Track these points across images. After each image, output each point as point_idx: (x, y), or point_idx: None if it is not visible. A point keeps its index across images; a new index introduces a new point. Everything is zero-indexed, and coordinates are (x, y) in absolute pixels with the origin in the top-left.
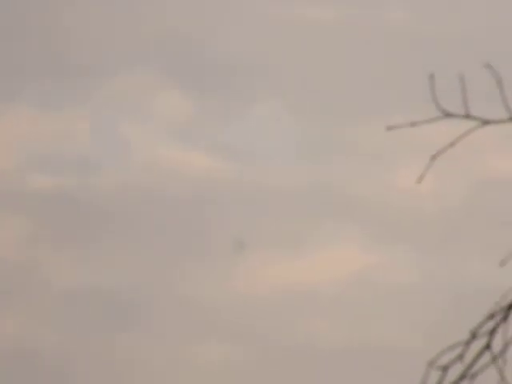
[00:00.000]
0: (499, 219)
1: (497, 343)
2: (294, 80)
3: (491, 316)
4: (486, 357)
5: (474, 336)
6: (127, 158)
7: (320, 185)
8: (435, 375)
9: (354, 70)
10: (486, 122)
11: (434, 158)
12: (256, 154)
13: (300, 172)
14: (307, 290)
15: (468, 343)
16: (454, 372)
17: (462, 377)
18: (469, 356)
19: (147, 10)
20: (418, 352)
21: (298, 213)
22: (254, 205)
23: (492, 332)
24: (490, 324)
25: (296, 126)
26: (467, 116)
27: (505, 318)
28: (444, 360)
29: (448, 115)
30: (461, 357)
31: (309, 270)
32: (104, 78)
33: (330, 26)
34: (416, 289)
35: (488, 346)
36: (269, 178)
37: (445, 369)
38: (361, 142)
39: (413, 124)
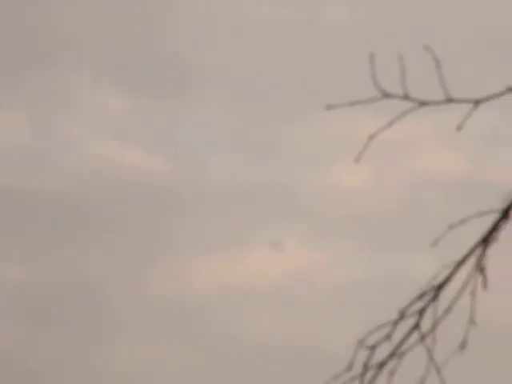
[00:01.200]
0: (436, 217)
1: (426, 323)
2: (233, 79)
3: (420, 296)
4: (415, 336)
5: (402, 316)
6: (65, 155)
7: (260, 183)
8: (364, 354)
9: (292, 68)
10: (423, 104)
11: (371, 138)
12: (194, 152)
13: (239, 171)
14: (247, 287)
15: (396, 323)
16: (384, 351)
17: (391, 356)
18: (399, 336)
19: (84, 7)
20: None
21: (238, 211)
22: (192, 203)
23: (421, 312)
24: (420, 304)
25: (235, 125)
26: (405, 97)
27: (434, 298)
28: (372, 339)
29: (386, 96)
30: (389, 336)
31: (248, 268)
32: (41, 76)
33: (269, 26)
34: (356, 286)
35: (417, 326)
36: (207, 176)
37: (373, 348)
38: (301, 140)
39: (352, 103)
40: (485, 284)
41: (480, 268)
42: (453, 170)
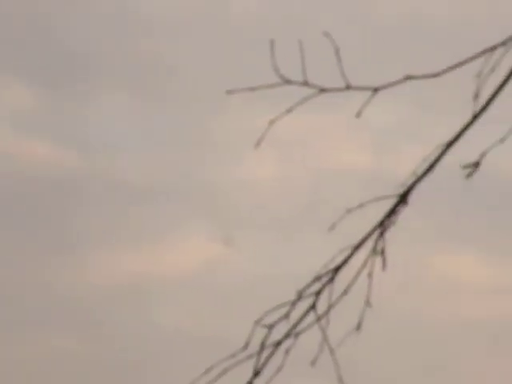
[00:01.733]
0: (343, 207)
1: (322, 304)
2: (141, 70)
3: (318, 278)
4: (311, 317)
5: (300, 296)
6: None
7: (171, 175)
8: (261, 333)
9: (196, 56)
10: (323, 90)
11: (271, 122)
12: (105, 145)
13: (149, 163)
14: (157, 279)
15: (294, 303)
16: (281, 331)
17: (287, 335)
18: (296, 316)
19: None
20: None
21: (149, 204)
22: (103, 196)
23: (318, 293)
24: (317, 286)
25: (145, 117)
26: (305, 83)
27: (331, 280)
28: (270, 319)
29: (287, 82)
30: (286, 316)
31: (158, 259)
32: None
33: (173, 15)
34: (264, 277)
35: (313, 307)
36: (118, 169)
37: (270, 327)
38: (212, 132)
39: (252, 89)
40: (384, 265)
41: (378, 250)
42: (357, 160)
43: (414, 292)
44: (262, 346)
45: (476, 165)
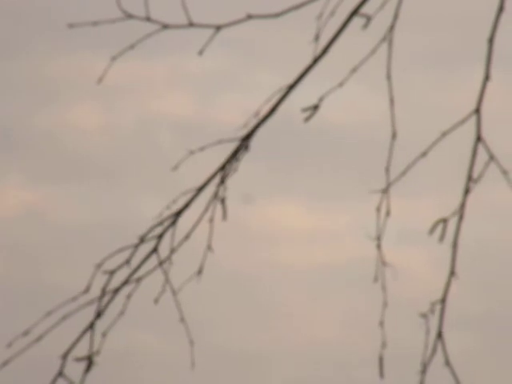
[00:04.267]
0: (166, 157)
1: (164, 248)
2: None
3: (160, 222)
4: (154, 261)
5: (142, 240)
6: None
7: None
8: (102, 279)
9: None
10: (165, 26)
11: (113, 59)
12: None
13: None
14: None
15: (136, 247)
16: (122, 276)
17: (128, 280)
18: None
19: None
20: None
21: None
22: None
23: (160, 236)
24: (159, 229)
25: None
26: (148, 19)
27: (173, 224)
28: (111, 264)
29: (129, 16)
30: (128, 261)
31: None
32: None
33: None
34: (89, 227)
35: (155, 250)
36: None
37: (112, 273)
38: (51, 70)
39: (94, 23)
40: (225, 215)
41: (219, 198)
42: (182, 110)
43: (250, 238)
44: (103, 292)
45: (315, 108)
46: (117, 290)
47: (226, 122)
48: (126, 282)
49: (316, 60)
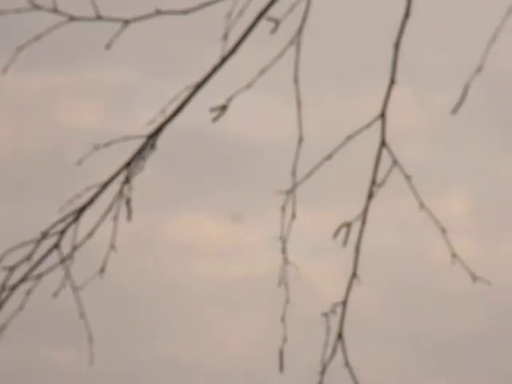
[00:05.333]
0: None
1: (67, 244)
2: None
3: (64, 218)
4: (56, 258)
5: (44, 236)
6: None
7: None
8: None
9: None
10: (72, 18)
11: (20, 49)
12: None
13: None
14: None
15: (38, 243)
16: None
17: (27, 277)
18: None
19: None
20: None
21: None
22: None
23: (62, 232)
24: (61, 225)
25: None
26: (55, 10)
27: (75, 220)
28: (12, 260)
29: (36, 7)
30: (29, 257)
31: None
32: None
33: None
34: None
35: (57, 246)
36: None
37: (11, 269)
38: None
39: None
40: (129, 216)
41: (124, 197)
42: (90, 121)
43: (165, 248)
44: (2, 288)
45: (223, 108)
46: (14, 287)
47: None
48: (25, 279)
49: (224, 60)
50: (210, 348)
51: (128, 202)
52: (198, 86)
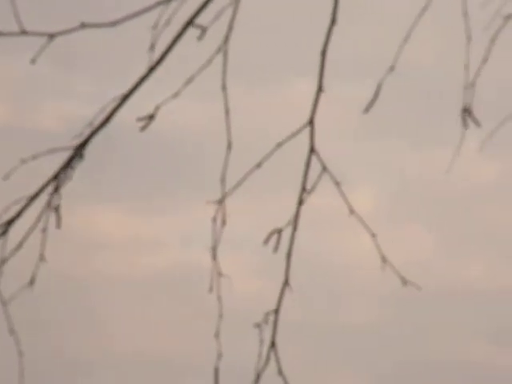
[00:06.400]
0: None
1: None
2: None
3: None
4: None
5: None
6: None
7: None
8: None
9: None
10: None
11: None
12: None
13: None
14: None
15: None
16: None
17: None
18: None
19: None
20: None
21: None
22: None
23: None
24: None
25: None
26: None
27: (4, 234)
28: None
29: None
30: None
31: None
32: None
33: None
34: None
35: None
36: None
37: None
38: None
39: None
40: (59, 223)
41: (52, 206)
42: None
43: (76, 246)
44: None
45: (151, 117)
46: None
47: (47, 128)
48: None
49: (151, 69)
50: (127, 345)
51: (57, 209)
52: (126, 97)
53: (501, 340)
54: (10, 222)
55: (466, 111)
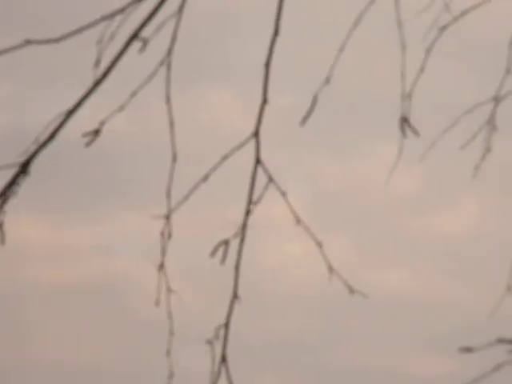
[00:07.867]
0: None
1: None
2: None
3: None
4: None
5: None
6: None
7: None
8: None
9: None
10: None
11: None
12: None
13: None
14: None
15: None
16: None
17: None
18: None
19: None
20: None
21: None
22: None
23: None
24: None
25: None
26: None
27: None
28: None
29: None
30: None
31: None
32: None
33: None
34: None
35: None
36: None
37: None
38: None
39: None
40: (3, 240)
41: None
42: None
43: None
44: None
45: (96, 133)
46: None
47: None
48: None
49: (96, 84)
50: (34, 353)
51: (1, 225)
52: (71, 112)
53: (431, 347)
54: None
55: (405, 120)
